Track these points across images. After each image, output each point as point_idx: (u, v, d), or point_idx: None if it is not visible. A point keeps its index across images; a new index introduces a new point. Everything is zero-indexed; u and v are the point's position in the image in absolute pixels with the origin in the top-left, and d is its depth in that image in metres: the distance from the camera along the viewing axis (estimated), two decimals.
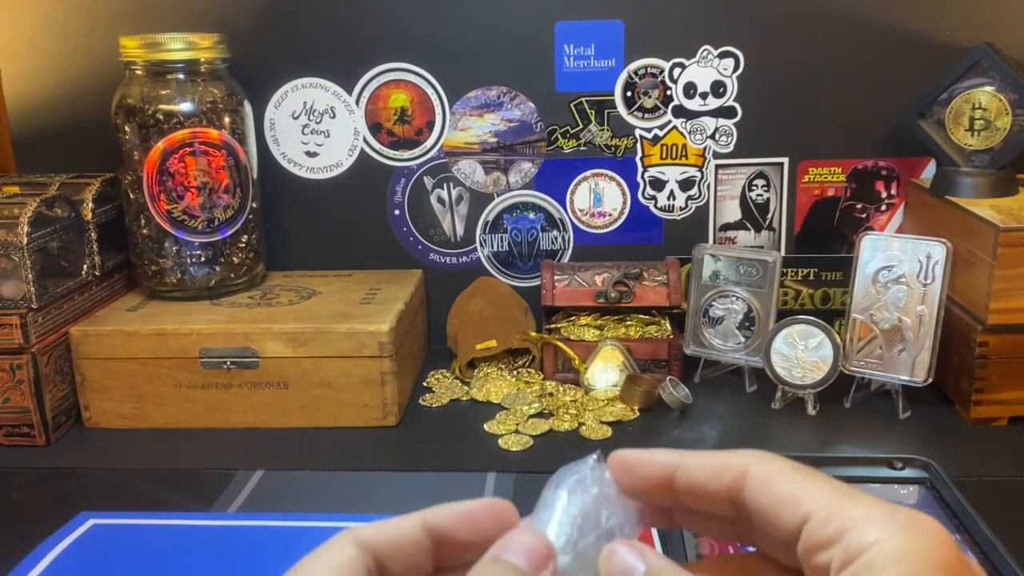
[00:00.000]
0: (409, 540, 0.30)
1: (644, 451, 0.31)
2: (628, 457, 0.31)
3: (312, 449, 0.92)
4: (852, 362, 0.96)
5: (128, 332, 0.96)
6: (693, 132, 1.13)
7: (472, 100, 1.13)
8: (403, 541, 0.30)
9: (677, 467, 0.31)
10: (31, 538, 0.75)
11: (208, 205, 1.03)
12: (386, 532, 0.30)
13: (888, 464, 0.76)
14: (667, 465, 0.31)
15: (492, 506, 0.30)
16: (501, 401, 1.00)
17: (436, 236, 1.17)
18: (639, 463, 0.31)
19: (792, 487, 0.28)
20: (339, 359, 0.95)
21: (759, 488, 0.29)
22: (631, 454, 0.31)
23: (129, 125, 1.00)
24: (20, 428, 0.94)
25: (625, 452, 0.31)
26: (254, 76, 1.11)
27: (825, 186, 1.14)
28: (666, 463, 0.31)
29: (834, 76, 1.10)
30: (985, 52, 0.98)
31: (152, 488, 0.84)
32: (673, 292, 1.06)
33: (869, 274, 0.96)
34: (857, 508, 0.27)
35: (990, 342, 0.91)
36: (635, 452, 0.31)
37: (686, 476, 0.31)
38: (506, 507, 0.31)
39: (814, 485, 0.28)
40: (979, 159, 1.01)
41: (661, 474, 0.31)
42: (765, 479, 0.29)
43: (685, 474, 0.31)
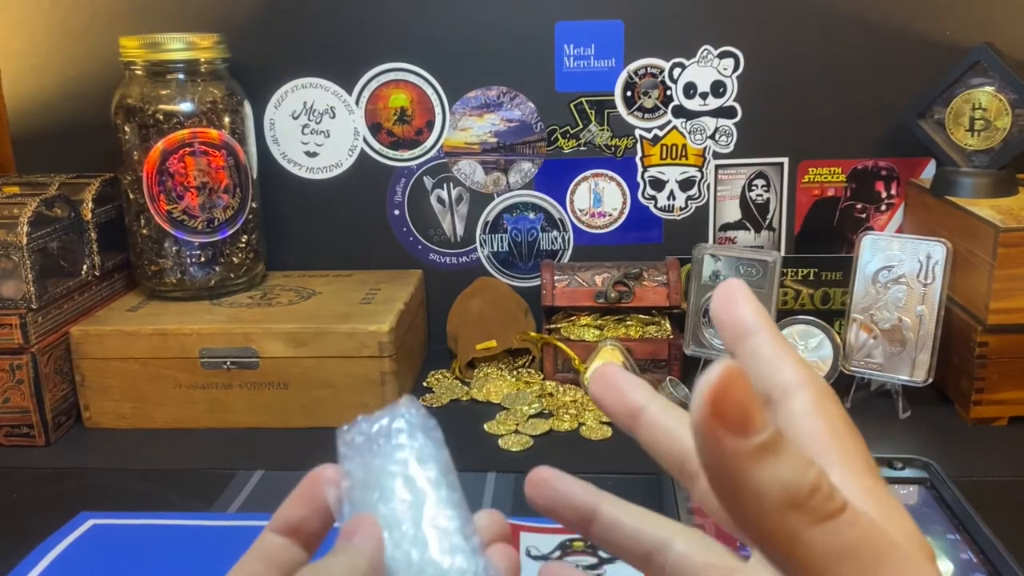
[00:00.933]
0: (275, 549, 0.32)
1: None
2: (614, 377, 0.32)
3: (312, 449, 0.92)
4: (852, 362, 0.96)
5: (128, 332, 0.96)
6: (693, 132, 1.13)
7: (472, 100, 1.13)
8: (269, 554, 0.32)
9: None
10: (31, 538, 0.75)
11: (208, 205, 1.03)
12: (252, 558, 0.32)
13: (888, 464, 0.76)
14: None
15: (314, 477, 0.33)
16: (501, 401, 1.00)
17: (436, 236, 1.17)
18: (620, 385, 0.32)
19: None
20: (339, 359, 0.95)
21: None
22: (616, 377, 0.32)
23: (129, 125, 1.00)
24: (20, 428, 0.94)
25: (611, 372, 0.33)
26: (254, 76, 1.11)
27: (825, 186, 1.14)
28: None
29: (834, 76, 1.10)
30: (985, 52, 0.98)
31: (152, 488, 0.84)
32: (673, 292, 1.06)
33: (869, 274, 0.96)
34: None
35: (990, 342, 0.91)
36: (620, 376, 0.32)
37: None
38: (327, 468, 0.33)
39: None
40: (979, 159, 1.01)
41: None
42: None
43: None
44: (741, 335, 0.30)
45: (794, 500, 0.23)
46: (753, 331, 0.29)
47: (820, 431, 0.28)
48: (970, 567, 0.64)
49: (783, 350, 0.29)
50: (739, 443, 0.23)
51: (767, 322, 0.30)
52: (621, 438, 0.93)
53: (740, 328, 0.29)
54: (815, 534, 0.24)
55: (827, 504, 0.24)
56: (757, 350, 0.29)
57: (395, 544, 0.30)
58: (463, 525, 0.31)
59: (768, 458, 0.23)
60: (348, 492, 0.32)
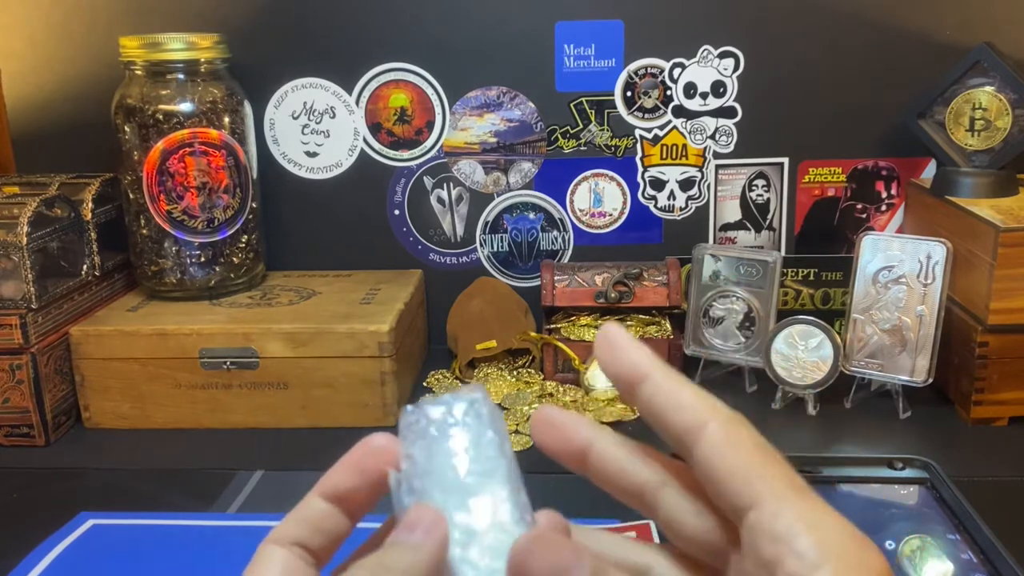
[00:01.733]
0: (319, 515, 0.31)
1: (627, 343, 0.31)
2: (553, 417, 0.32)
3: (312, 449, 0.92)
4: (852, 362, 0.96)
5: (128, 332, 0.96)
6: (693, 132, 1.13)
7: (472, 100, 1.13)
8: (312, 519, 0.31)
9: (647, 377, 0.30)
10: (31, 538, 0.75)
11: (208, 205, 1.03)
12: (295, 520, 0.31)
13: (888, 464, 0.76)
14: (640, 369, 0.30)
15: (368, 447, 0.32)
16: (501, 401, 1.00)
17: (436, 236, 1.17)
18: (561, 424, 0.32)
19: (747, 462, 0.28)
20: (339, 359, 0.95)
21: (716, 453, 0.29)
22: (556, 416, 0.32)
23: (129, 125, 1.00)
24: (20, 428, 0.94)
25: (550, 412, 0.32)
26: (254, 76, 1.11)
27: (825, 186, 1.14)
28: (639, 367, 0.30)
29: (834, 76, 1.10)
30: (985, 52, 0.98)
31: (152, 488, 0.84)
32: (673, 292, 1.06)
33: (869, 274, 0.96)
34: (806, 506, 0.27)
35: (990, 342, 0.91)
36: (560, 415, 0.32)
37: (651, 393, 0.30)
38: (384, 440, 0.32)
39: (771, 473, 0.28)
40: (979, 159, 1.01)
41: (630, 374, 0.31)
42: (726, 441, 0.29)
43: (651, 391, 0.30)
44: (633, 383, 0.30)
45: None
46: (642, 377, 0.30)
47: (737, 467, 0.28)
48: (970, 567, 0.64)
49: (676, 389, 0.29)
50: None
51: (654, 363, 0.30)
52: None
53: (629, 376, 0.30)
54: None
55: None
56: (652, 398, 0.30)
57: (454, 540, 0.29)
58: (524, 520, 0.30)
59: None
60: (408, 477, 0.31)
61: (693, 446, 0.29)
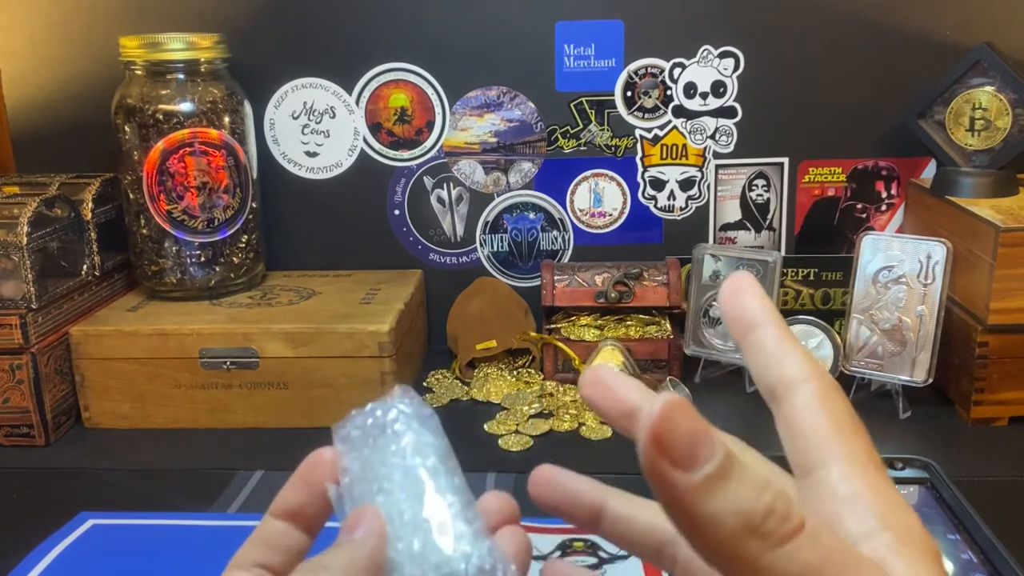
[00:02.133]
0: (275, 534, 0.32)
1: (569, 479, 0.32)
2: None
3: (312, 449, 0.92)
4: (852, 362, 0.96)
5: (128, 332, 0.96)
6: (693, 132, 1.13)
7: (472, 100, 1.13)
8: (270, 540, 0.32)
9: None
10: (31, 538, 0.75)
11: (208, 205, 1.03)
12: (254, 543, 0.32)
13: (888, 464, 0.76)
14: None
15: (312, 461, 0.33)
16: (501, 401, 1.00)
17: (436, 236, 1.17)
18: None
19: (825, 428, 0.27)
20: (339, 359, 0.95)
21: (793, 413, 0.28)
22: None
23: (129, 125, 1.00)
24: (20, 428, 0.94)
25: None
26: (254, 76, 1.11)
27: (825, 186, 1.14)
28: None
29: (834, 76, 1.10)
30: (985, 52, 0.98)
31: (152, 488, 0.84)
32: (673, 292, 1.06)
33: (869, 274, 0.96)
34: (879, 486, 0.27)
35: (990, 342, 0.91)
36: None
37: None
38: (326, 452, 0.33)
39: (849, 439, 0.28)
40: (979, 159, 1.01)
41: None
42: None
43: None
44: (747, 328, 0.29)
45: (750, 526, 0.23)
46: (759, 324, 0.29)
47: (823, 426, 0.27)
48: (970, 567, 0.64)
49: (788, 344, 0.29)
50: (687, 478, 0.23)
51: (773, 315, 0.29)
52: (621, 438, 0.93)
53: (746, 321, 0.29)
54: (776, 557, 0.23)
55: (784, 526, 0.23)
56: (762, 343, 0.29)
57: (396, 536, 0.30)
58: (464, 509, 0.31)
59: (718, 487, 0.23)
60: (348, 488, 0.32)
61: (785, 398, 0.28)
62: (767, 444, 0.29)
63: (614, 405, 0.30)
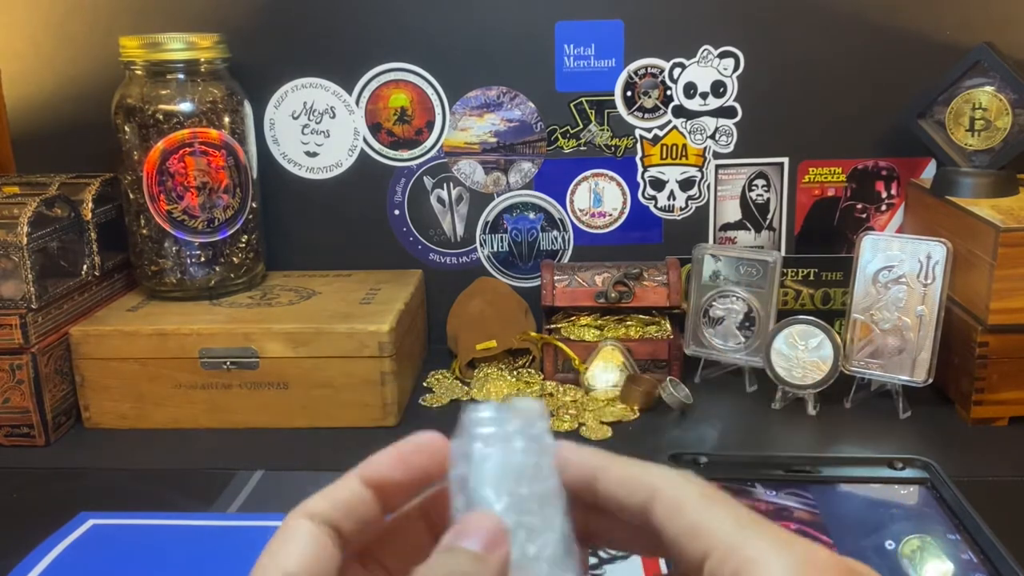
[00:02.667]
0: (356, 498, 0.30)
1: (573, 448, 0.31)
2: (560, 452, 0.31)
3: (312, 449, 0.92)
4: (852, 362, 0.96)
5: (128, 332, 0.96)
6: (693, 132, 1.13)
7: (472, 100, 1.13)
8: (348, 501, 0.30)
9: (597, 472, 0.31)
10: (31, 538, 0.75)
11: (208, 205, 1.03)
12: (332, 498, 0.30)
13: (888, 464, 0.76)
14: (590, 468, 0.31)
15: (421, 442, 0.31)
16: (501, 401, 1.00)
17: (436, 236, 1.17)
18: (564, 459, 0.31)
19: (695, 518, 0.28)
20: (339, 359, 0.95)
21: (666, 515, 0.29)
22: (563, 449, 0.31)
23: (129, 125, 1.00)
24: (20, 428, 0.94)
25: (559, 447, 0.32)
26: (254, 76, 1.11)
27: (825, 186, 1.14)
28: (589, 466, 0.31)
29: (834, 76, 1.10)
30: (985, 52, 0.98)
31: (152, 488, 0.84)
32: (673, 292, 1.06)
33: (869, 274, 0.96)
34: (753, 546, 0.27)
35: (990, 342, 0.91)
36: (566, 448, 0.31)
37: (605, 486, 0.30)
38: (435, 439, 0.31)
39: (717, 517, 0.28)
40: (979, 159, 1.01)
41: (584, 475, 0.31)
42: (672, 506, 0.29)
43: (604, 484, 0.30)
44: (589, 481, 0.31)
45: None
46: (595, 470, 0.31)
47: (683, 526, 0.28)
48: (970, 567, 0.64)
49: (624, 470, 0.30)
50: None
51: (600, 457, 0.31)
52: (621, 438, 0.93)
53: (584, 477, 0.31)
54: None
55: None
56: (607, 490, 0.30)
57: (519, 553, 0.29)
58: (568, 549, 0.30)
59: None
60: (463, 480, 0.30)
61: (650, 519, 0.29)
62: (768, 443, 0.30)
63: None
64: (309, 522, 0.30)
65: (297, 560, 0.29)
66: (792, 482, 0.75)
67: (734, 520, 0.28)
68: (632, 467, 0.30)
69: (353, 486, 0.31)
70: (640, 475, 0.30)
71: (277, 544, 0.29)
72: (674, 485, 0.29)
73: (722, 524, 0.28)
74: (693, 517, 0.28)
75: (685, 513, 0.28)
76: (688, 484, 0.29)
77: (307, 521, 0.30)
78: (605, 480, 0.30)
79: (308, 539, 0.29)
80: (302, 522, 0.30)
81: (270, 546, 0.29)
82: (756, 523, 0.28)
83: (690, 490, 0.29)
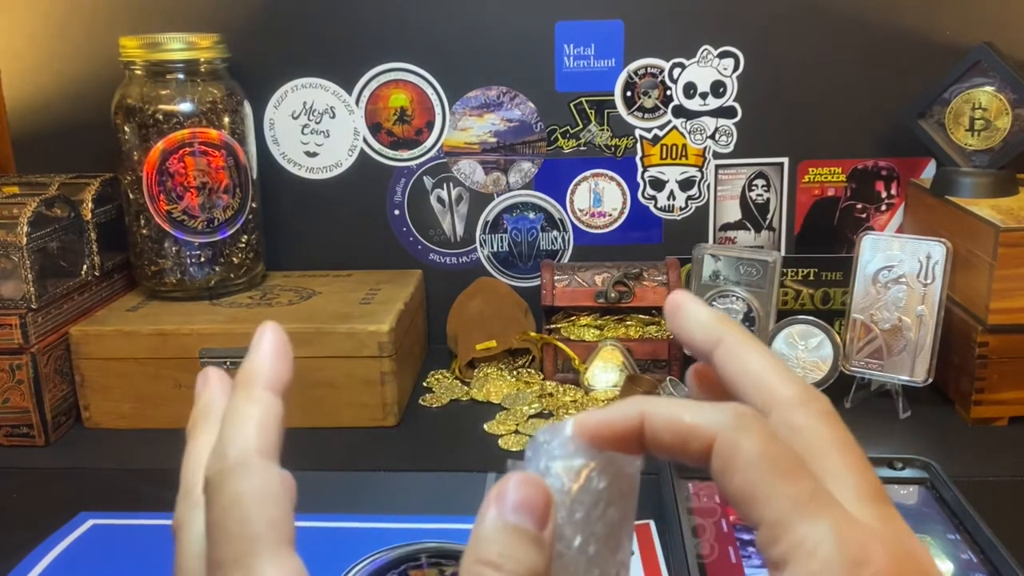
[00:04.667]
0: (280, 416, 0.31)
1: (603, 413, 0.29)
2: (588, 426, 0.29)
3: (312, 449, 0.92)
4: (852, 362, 0.96)
5: (128, 332, 0.96)
6: (693, 132, 1.13)
7: (472, 100, 1.13)
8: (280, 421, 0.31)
9: (642, 423, 0.28)
10: (31, 538, 0.75)
11: (208, 205, 1.03)
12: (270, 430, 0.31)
13: (888, 464, 0.76)
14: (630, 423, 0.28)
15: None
16: (501, 401, 1.00)
17: (436, 236, 1.17)
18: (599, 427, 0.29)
19: (751, 485, 0.26)
20: (339, 359, 0.95)
21: (720, 472, 0.27)
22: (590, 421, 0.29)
23: (129, 125, 1.00)
24: (20, 428, 0.94)
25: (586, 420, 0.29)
26: (254, 76, 1.11)
27: (825, 186, 1.14)
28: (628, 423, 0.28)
29: (834, 76, 1.10)
30: (985, 52, 0.98)
31: (152, 488, 0.84)
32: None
33: (869, 274, 0.96)
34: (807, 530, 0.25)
35: (990, 342, 0.91)
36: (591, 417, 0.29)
37: (654, 436, 0.28)
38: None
39: (774, 488, 0.25)
40: (979, 159, 1.01)
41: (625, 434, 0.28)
42: (728, 464, 0.26)
43: (653, 434, 0.28)
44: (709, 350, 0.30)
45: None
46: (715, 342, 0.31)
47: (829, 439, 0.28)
48: (970, 567, 0.64)
49: (772, 361, 0.30)
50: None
51: (730, 323, 0.31)
52: None
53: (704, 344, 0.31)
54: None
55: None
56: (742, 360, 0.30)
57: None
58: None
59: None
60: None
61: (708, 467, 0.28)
62: None
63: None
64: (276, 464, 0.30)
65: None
66: None
67: (792, 495, 0.25)
68: (683, 413, 0.27)
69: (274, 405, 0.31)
70: (692, 425, 0.27)
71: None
72: (732, 440, 0.26)
73: (777, 499, 0.25)
74: (748, 484, 0.26)
75: (740, 478, 0.26)
76: (749, 437, 0.26)
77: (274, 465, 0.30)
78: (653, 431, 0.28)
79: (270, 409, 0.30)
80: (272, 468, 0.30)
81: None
82: (816, 501, 0.25)
83: (750, 447, 0.26)
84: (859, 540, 0.24)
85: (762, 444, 0.26)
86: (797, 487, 0.25)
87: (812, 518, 0.25)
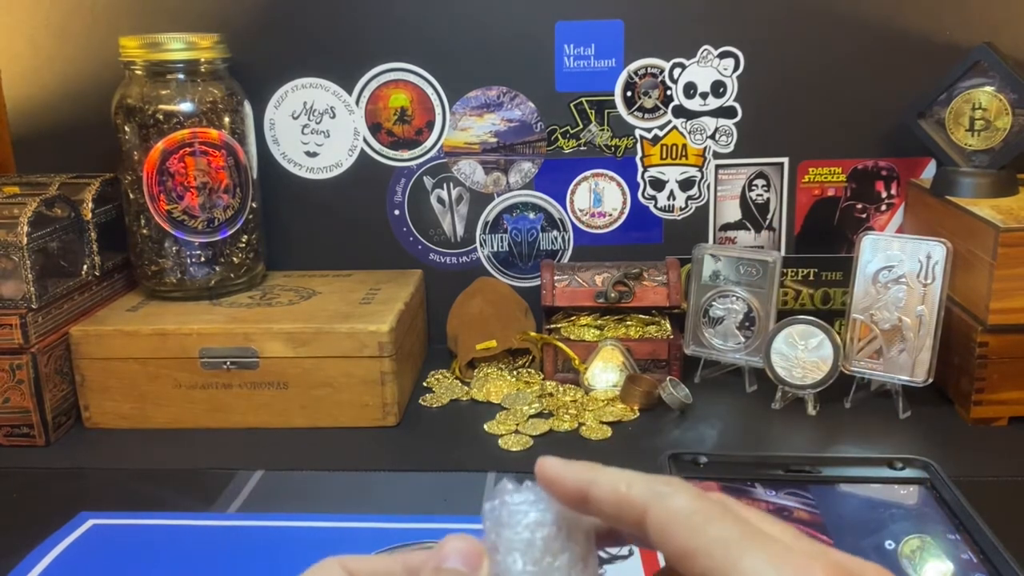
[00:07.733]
0: (390, 573, 0.32)
1: (562, 464, 0.32)
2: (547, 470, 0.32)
3: (312, 449, 0.92)
4: (852, 362, 0.96)
5: (128, 332, 0.96)
6: (693, 132, 1.13)
7: (472, 100, 1.13)
8: (384, 572, 0.32)
9: (589, 488, 0.31)
10: (31, 538, 0.75)
11: (208, 205, 1.03)
12: (370, 563, 0.32)
13: (888, 464, 0.76)
14: (580, 483, 0.31)
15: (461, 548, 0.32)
16: (501, 401, 1.00)
17: (436, 236, 1.17)
18: (557, 476, 0.31)
19: (685, 541, 0.28)
20: (339, 359, 0.95)
21: (657, 539, 0.29)
22: (550, 467, 0.32)
23: (129, 125, 1.00)
24: (20, 428, 0.94)
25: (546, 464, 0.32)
26: (254, 76, 1.11)
27: (825, 186, 1.14)
28: (579, 481, 0.31)
29: (834, 76, 1.10)
30: (985, 52, 0.98)
31: (152, 488, 0.84)
32: (673, 292, 1.06)
33: (869, 274, 0.96)
34: (744, 567, 0.26)
35: (990, 342, 0.91)
36: (553, 465, 0.32)
37: (597, 505, 0.31)
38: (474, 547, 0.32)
39: (707, 537, 0.27)
40: (979, 159, 1.01)
41: (576, 491, 0.31)
42: (662, 529, 0.29)
43: (595, 500, 0.31)
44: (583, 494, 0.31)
45: None
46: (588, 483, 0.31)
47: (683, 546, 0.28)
48: (970, 567, 0.64)
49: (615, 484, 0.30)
50: None
51: (592, 470, 0.31)
52: (621, 438, 0.93)
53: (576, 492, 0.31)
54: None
55: None
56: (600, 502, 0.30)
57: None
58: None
59: None
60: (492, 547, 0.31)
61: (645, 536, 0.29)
62: (767, 443, 0.30)
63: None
64: (341, 569, 0.31)
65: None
66: (792, 482, 0.75)
67: (725, 538, 0.27)
68: (620, 483, 0.30)
69: (393, 566, 0.32)
70: (627, 496, 0.30)
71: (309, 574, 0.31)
72: (662, 505, 0.29)
73: (713, 545, 0.27)
74: (683, 540, 0.28)
75: (675, 536, 0.28)
76: (677, 498, 0.29)
77: (340, 568, 0.31)
78: (596, 500, 0.30)
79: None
80: (335, 569, 0.31)
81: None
82: (749, 537, 0.27)
83: (679, 507, 0.28)
84: (796, 564, 0.26)
85: (690, 502, 0.28)
86: (728, 532, 0.27)
87: (748, 553, 0.26)
